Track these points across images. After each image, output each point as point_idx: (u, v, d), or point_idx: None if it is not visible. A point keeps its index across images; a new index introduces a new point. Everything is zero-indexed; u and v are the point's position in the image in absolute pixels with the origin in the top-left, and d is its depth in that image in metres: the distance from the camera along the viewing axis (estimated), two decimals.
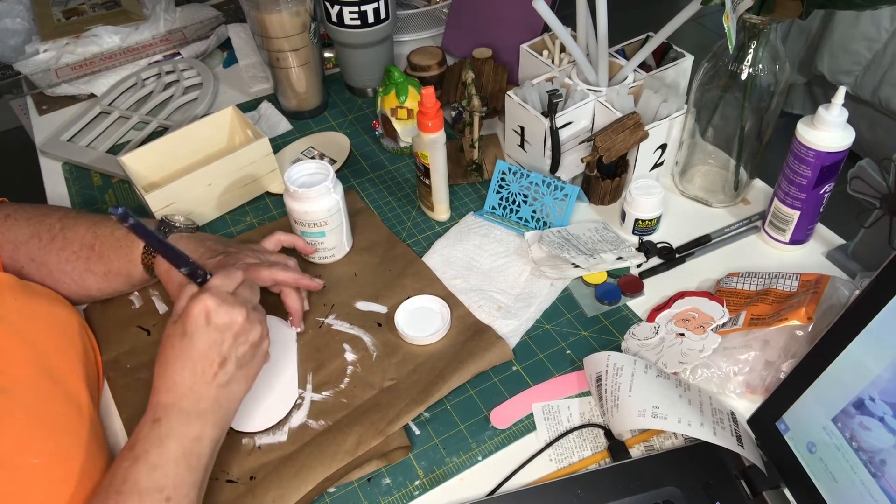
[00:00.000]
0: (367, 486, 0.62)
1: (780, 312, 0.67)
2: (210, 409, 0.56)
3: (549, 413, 0.67)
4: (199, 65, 1.12)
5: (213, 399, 0.56)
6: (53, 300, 0.69)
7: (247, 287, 0.61)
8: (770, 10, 0.68)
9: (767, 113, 0.76)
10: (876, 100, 1.86)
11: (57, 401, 0.59)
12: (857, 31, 1.83)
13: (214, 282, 0.58)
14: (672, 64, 0.88)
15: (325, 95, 1.05)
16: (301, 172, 0.76)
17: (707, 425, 0.59)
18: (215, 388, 0.56)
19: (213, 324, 0.56)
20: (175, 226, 0.73)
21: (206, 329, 0.56)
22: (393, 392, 0.68)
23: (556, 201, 0.83)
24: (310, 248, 0.78)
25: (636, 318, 0.75)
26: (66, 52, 1.11)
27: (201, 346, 0.56)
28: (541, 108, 0.84)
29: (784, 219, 0.77)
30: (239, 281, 0.60)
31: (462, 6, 1.08)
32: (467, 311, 0.75)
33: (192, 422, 0.55)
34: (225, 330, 0.56)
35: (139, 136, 1.01)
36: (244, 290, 0.60)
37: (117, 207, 0.51)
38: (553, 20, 0.80)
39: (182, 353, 0.55)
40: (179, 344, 0.56)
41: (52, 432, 0.56)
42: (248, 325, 0.58)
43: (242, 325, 0.57)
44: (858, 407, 0.52)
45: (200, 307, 0.56)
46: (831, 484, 0.55)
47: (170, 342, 0.56)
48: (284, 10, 0.91)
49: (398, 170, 0.95)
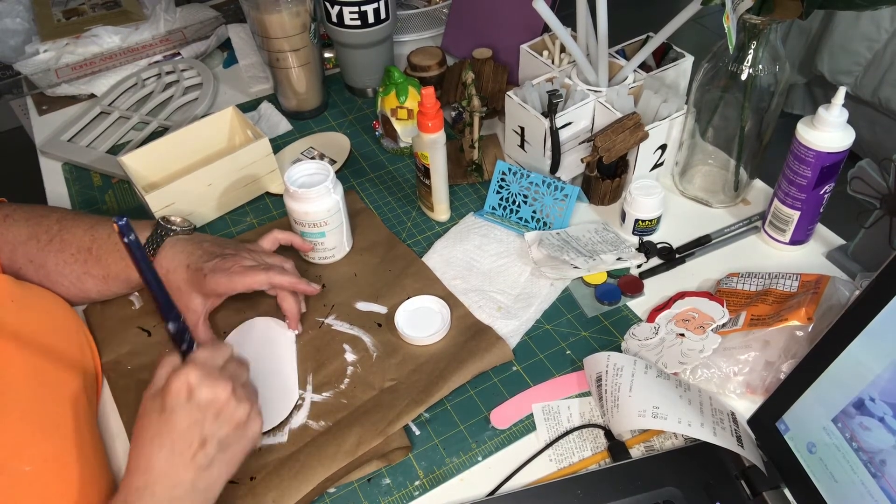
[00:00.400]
0: (367, 487, 0.62)
1: (780, 313, 0.67)
2: (186, 495, 0.52)
3: (549, 413, 0.67)
4: (199, 65, 1.12)
5: (190, 484, 0.52)
6: (51, 302, 0.69)
7: (235, 362, 0.57)
8: (770, 10, 0.68)
9: (767, 113, 0.76)
10: (876, 100, 1.86)
11: (53, 406, 0.58)
12: (857, 32, 1.83)
13: (200, 354, 0.55)
14: (672, 64, 0.88)
15: (325, 95, 1.05)
16: (301, 173, 0.76)
17: (707, 425, 0.59)
18: (193, 471, 0.52)
19: (194, 400, 0.52)
20: (172, 228, 0.71)
21: (187, 406, 0.52)
22: (393, 392, 0.68)
23: (556, 201, 0.83)
24: (307, 246, 0.78)
25: (636, 319, 0.75)
26: (66, 52, 1.11)
27: (181, 424, 0.51)
28: (541, 108, 0.84)
29: (784, 219, 0.77)
30: (227, 356, 0.57)
31: (462, 6, 1.08)
32: (467, 312, 0.75)
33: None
34: (207, 408, 0.52)
35: (139, 137, 1.01)
36: (232, 364, 0.57)
37: (121, 217, 0.49)
38: (553, 20, 0.80)
39: (160, 430, 0.51)
40: (157, 420, 0.52)
41: (47, 438, 0.56)
42: (233, 403, 0.54)
43: (226, 403, 0.53)
44: (858, 407, 0.52)
45: (182, 381, 0.52)
46: (831, 484, 0.55)
47: (147, 418, 0.52)
48: (284, 10, 0.91)
49: (398, 170, 0.95)
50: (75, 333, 0.67)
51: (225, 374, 0.54)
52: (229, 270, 0.66)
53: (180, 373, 0.52)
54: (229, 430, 0.54)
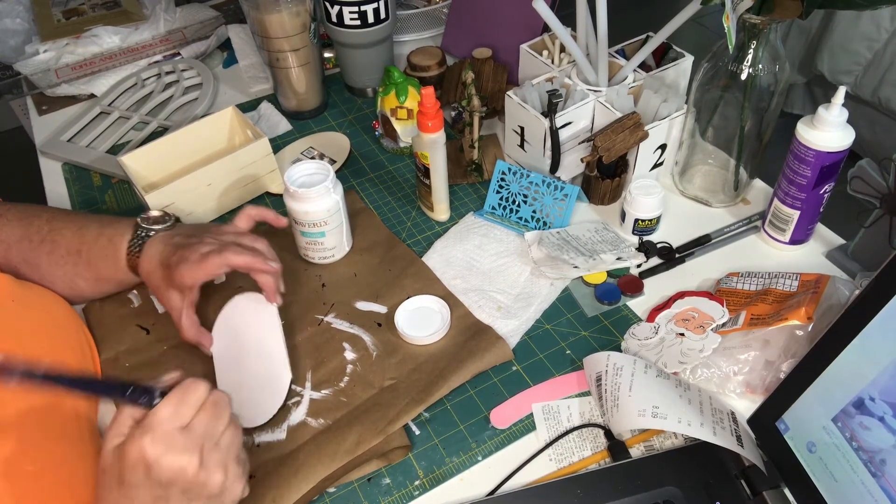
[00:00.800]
0: (367, 486, 0.62)
1: (780, 312, 0.67)
2: None
3: (549, 413, 0.67)
4: (199, 65, 1.12)
5: None
6: (51, 301, 0.69)
7: (210, 411, 0.48)
8: (770, 10, 0.68)
9: (767, 113, 0.76)
10: (876, 100, 1.86)
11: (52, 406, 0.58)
12: (857, 31, 1.83)
13: (162, 412, 0.46)
14: (672, 64, 0.88)
15: (325, 95, 1.05)
16: (301, 172, 0.76)
17: (707, 425, 0.59)
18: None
19: (154, 477, 0.45)
20: (151, 229, 0.69)
21: (147, 482, 0.45)
22: (393, 391, 0.68)
23: (556, 201, 0.83)
24: (281, 221, 0.74)
25: (636, 318, 0.75)
26: (66, 52, 1.11)
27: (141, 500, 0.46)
28: (541, 108, 0.84)
29: (784, 219, 0.77)
30: (196, 405, 0.48)
31: (462, 6, 1.08)
32: (467, 311, 0.75)
33: None
34: (169, 485, 0.46)
35: (139, 136, 1.01)
36: (204, 417, 0.48)
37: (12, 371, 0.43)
38: (553, 20, 0.80)
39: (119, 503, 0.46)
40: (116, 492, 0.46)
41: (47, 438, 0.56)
42: (202, 476, 0.47)
43: (194, 478, 0.46)
44: (858, 407, 0.52)
45: (137, 453, 0.45)
46: (831, 484, 0.55)
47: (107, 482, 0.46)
48: (284, 10, 0.91)
49: (398, 170, 0.95)
50: (75, 333, 0.67)
51: (192, 439, 0.46)
52: (189, 260, 0.65)
53: (135, 439, 0.45)
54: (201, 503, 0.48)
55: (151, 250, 0.68)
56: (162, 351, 0.72)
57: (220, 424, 0.49)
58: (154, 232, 0.70)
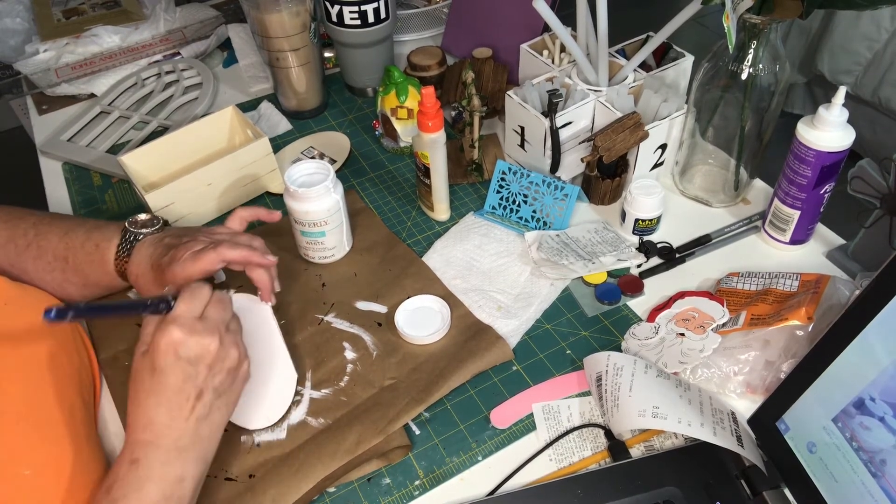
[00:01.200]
0: (367, 486, 0.62)
1: (780, 312, 0.67)
2: (191, 444, 0.53)
3: (549, 413, 0.67)
4: (199, 65, 1.12)
5: (192, 433, 0.53)
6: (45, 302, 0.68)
7: (217, 305, 0.57)
8: (770, 10, 0.68)
9: (767, 113, 0.76)
10: (876, 100, 1.86)
11: (49, 408, 0.58)
12: (857, 31, 1.83)
13: (179, 308, 0.54)
14: (672, 64, 0.88)
15: (325, 95, 1.05)
16: (301, 172, 0.76)
17: (707, 425, 0.59)
18: (194, 422, 0.53)
19: (183, 357, 0.53)
20: (140, 233, 0.69)
21: (177, 363, 0.52)
22: (393, 391, 0.68)
23: (556, 201, 0.83)
24: (274, 214, 0.73)
25: (636, 318, 0.75)
26: (66, 52, 1.11)
27: (174, 381, 0.52)
28: (541, 108, 0.84)
29: (784, 219, 0.77)
30: (205, 300, 0.56)
31: (462, 6, 1.08)
32: (467, 311, 0.75)
33: (172, 461, 0.52)
34: (198, 362, 0.53)
35: (139, 136, 1.01)
36: (213, 309, 0.56)
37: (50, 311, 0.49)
38: (553, 20, 0.80)
39: (154, 389, 0.52)
40: (150, 380, 0.52)
41: (45, 441, 0.55)
42: (222, 352, 0.55)
43: (217, 354, 0.54)
44: (859, 407, 0.52)
45: (167, 340, 0.52)
46: (831, 484, 0.55)
47: (140, 377, 0.53)
48: (284, 10, 0.91)
49: (398, 170, 0.95)
50: (71, 334, 0.67)
51: (209, 324, 0.54)
52: (181, 259, 0.64)
53: (164, 331, 0.52)
54: (223, 377, 0.55)
55: (140, 254, 0.68)
56: None
57: (227, 314, 0.57)
58: (142, 235, 0.69)
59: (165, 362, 0.52)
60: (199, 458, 0.54)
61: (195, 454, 0.54)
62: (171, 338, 0.52)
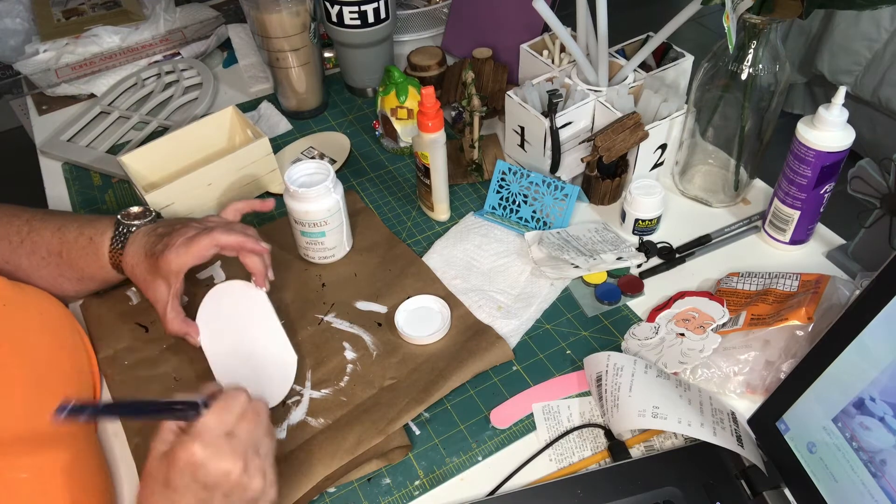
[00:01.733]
0: (367, 486, 0.62)
1: (780, 312, 0.67)
2: None
3: (549, 413, 0.67)
4: (199, 65, 1.12)
5: None
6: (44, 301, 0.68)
7: (251, 418, 0.51)
8: (770, 10, 0.68)
9: (767, 113, 0.76)
10: (876, 100, 1.86)
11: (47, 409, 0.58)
12: (857, 31, 1.83)
13: (208, 421, 0.49)
14: (672, 64, 0.88)
15: (325, 95, 1.05)
16: (301, 172, 0.76)
17: (707, 425, 0.59)
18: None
19: (201, 479, 0.48)
20: (132, 225, 0.69)
21: (193, 485, 0.48)
22: (393, 391, 0.68)
23: (556, 201, 0.83)
24: (268, 205, 0.73)
25: (636, 318, 0.75)
26: (66, 52, 1.11)
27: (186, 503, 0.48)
28: (541, 108, 0.84)
29: (784, 219, 0.77)
30: (238, 412, 0.51)
31: (462, 6, 1.08)
32: (467, 311, 0.75)
33: None
34: (214, 489, 0.48)
35: (139, 136, 1.01)
36: (246, 425, 0.51)
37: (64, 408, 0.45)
38: (553, 20, 0.80)
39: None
40: (162, 493, 0.48)
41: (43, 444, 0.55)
42: (244, 481, 0.49)
43: (237, 483, 0.49)
44: (859, 407, 0.52)
45: (186, 458, 0.47)
46: (831, 484, 0.55)
47: (152, 483, 0.49)
48: (284, 10, 0.91)
49: (398, 170, 0.95)
50: (70, 333, 0.67)
51: (237, 445, 0.49)
52: (175, 245, 0.64)
53: (185, 444, 0.48)
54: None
55: (135, 244, 0.68)
56: (161, 349, 0.72)
57: (260, 431, 0.52)
58: (135, 227, 0.69)
59: (181, 482, 0.48)
60: None
61: None
62: (192, 457, 0.47)
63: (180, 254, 0.64)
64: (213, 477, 0.48)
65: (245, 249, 0.66)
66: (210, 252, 0.65)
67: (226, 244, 0.65)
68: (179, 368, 0.71)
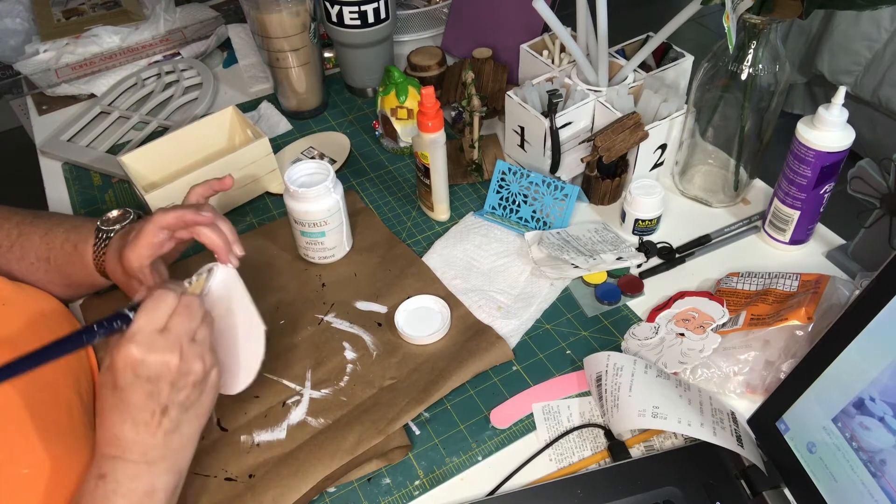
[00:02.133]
0: (367, 486, 0.62)
1: (780, 312, 0.67)
2: (161, 457, 0.52)
3: (549, 413, 0.67)
4: (199, 65, 1.12)
5: (161, 446, 0.52)
6: (43, 301, 0.68)
7: (183, 313, 0.53)
8: (770, 10, 0.68)
9: (767, 113, 0.76)
10: (876, 100, 1.86)
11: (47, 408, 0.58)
12: (857, 31, 1.83)
13: (138, 322, 0.51)
14: (672, 64, 0.88)
15: (325, 95, 1.05)
16: (301, 172, 0.76)
17: (707, 425, 0.59)
18: (162, 436, 0.52)
19: (142, 375, 0.50)
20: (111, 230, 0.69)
21: (137, 381, 0.50)
22: (393, 391, 0.68)
23: (556, 201, 0.83)
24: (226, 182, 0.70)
25: (636, 318, 0.75)
26: (66, 52, 1.11)
27: (136, 399, 0.51)
28: (541, 108, 0.84)
29: (784, 219, 0.77)
30: (169, 308, 0.52)
31: (462, 6, 1.08)
32: (467, 311, 0.75)
33: (141, 475, 0.51)
34: (158, 380, 0.51)
35: (139, 136, 1.01)
36: (178, 319, 0.53)
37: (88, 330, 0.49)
38: (553, 20, 0.80)
39: (117, 406, 0.51)
40: (112, 397, 0.51)
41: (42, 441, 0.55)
42: (184, 367, 0.52)
43: (178, 370, 0.51)
44: (858, 407, 0.52)
45: (124, 359, 0.50)
46: (831, 484, 0.55)
47: (102, 393, 0.52)
48: (284, 10, 0.91)
49: (398, 170, 0.95)
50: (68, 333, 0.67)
51: (170, 338, 0.51)
52: (129, 241, 0.64)
53: (120, 349, 0.50)
54: (188, 392, 0.53)
55: (111, 248, 0.68)
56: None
57: (194, 322, 0.54)
58: (114, 232, 0.69)
59: (125, 381, 0.50)
60: (170, 469, 0.53)
61: (166, 466, 0.53)
62: (128, 357, 0.50)
63: (134, 248, 0.63)
64: (154, 369, 0.50)
65: (185, 222, 0.63)
66: (158, 237, 0.63)
67: (167, 224, 0.63)
68: None
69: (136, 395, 0.51)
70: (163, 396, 0.51)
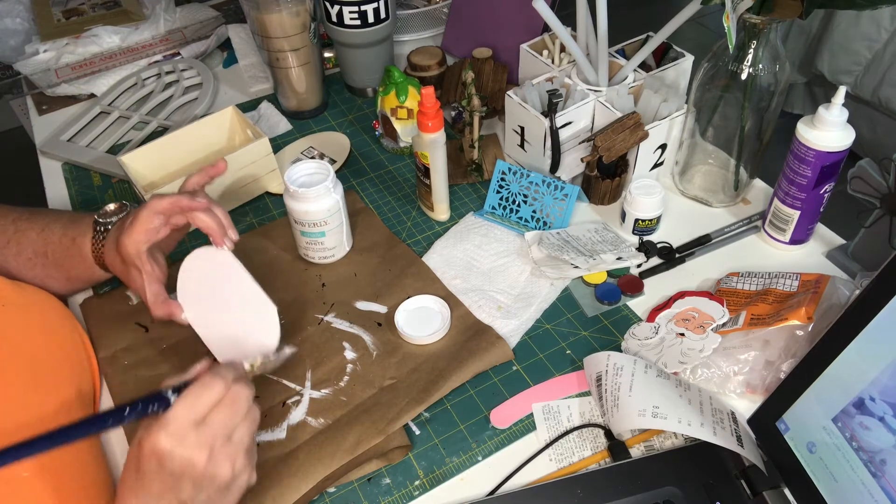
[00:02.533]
0: (367, 486, 0.62)
1: (780, 312, 0.67)
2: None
3: (549, 413, 0.67)
4: (199, 65, 1.12)
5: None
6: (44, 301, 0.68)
7: (227, 406, 0.50)
8: (770, 10, 0.68)
9: (767, 113, 0.76)
10: (876, 100, 1.86)
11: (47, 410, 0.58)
12: (857, 31, 1.83)
13: (175, 410, 0.48)
14: (672, 64, 0.88)
15: (325, 95, 1.05)
16: (301, 172, 0.76)
17: (707, 425, 0.59)
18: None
19: (166, 469, 0.48)
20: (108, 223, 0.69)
21: (160, 471, 0.48)
22: (393, 391, 0.68)
23: (556, 201, 0.83)
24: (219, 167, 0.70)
25: (636, 318, 0.75)
26: (66, 52, 1.11)
27: (155, 488, 0.48)
28: (541, 108, 0.84)
29: (784, 219, 0.77)
30: (213, 401, 0.49)
31: (462, 6, 1.08)
32: (467, 311, 0.75)
33: None
34: (181, 476, 0.48)
35: (139, 136, 1.01)
36: (220, 413, 0.50)
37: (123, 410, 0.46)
38: (553, 20, 0.80)
39: (135, 489, 0.49)
40: (134, 479, 0.49)
41: None
42: (210, 470, 0.49)
43: (203, 471, 0.48)
44: (859, 407, 0.52)
45: (151, 446, 0.47)
46: (831, 484, 0.55)
47: (127, 469, 0.50)
48: (284, 10, 0.91)
49: (398, 170, 0.95)
50: (70, 333, 0.67)
51: (204, 434, 0.49)
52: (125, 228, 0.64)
53: (151, 433, 0.47)
54: (211, 493, 0.50)
55: (109, 240, 0.68)
56: (161, 349, 0.72)
57: (236, 419, 0.51)
58: (112, 224, 0.69)
59: (148, 467, 0.48)
60: None
61: None
62: (156, 445, 0.47)
63: (130, 234, 0.63)
64: (179, 465, 0.48)
65: (180, 207, 0.63)
66: (154, 223, 0.63)
67: (163, 209, 0.63)
68: (180, 368, 0.70)
69: (156, 485, 0.48)
70: (183, 494, 0.49)
